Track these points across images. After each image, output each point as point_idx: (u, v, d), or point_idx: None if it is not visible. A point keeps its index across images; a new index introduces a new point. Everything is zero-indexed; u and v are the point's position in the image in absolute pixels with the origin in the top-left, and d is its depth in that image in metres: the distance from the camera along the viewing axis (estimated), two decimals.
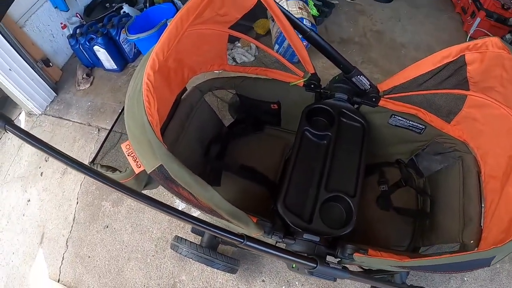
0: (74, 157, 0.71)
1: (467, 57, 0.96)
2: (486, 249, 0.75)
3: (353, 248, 0.97)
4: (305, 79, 1.26)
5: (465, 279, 1.59)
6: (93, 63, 2.53)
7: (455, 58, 0.98)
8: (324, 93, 1.28)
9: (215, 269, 1.59)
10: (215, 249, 1.42)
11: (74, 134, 2.25)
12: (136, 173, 0.93)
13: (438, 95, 1.12)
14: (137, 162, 0.92)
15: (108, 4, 2.59)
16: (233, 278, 1.63)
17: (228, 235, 0.80)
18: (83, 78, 2.48)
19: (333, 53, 1.12)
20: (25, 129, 2.07)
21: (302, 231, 1.03)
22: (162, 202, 0.73)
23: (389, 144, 1.36)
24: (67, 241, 1.84)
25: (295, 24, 1.09)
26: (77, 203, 1.95)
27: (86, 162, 1.86)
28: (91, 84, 2.48)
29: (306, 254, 0.97)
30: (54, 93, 2.44)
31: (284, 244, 1.07)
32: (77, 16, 2.56)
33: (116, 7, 2.42)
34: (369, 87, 1.19)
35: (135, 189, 0.92)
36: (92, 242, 1.81)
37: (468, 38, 2.56)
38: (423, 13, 2.73)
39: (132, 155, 0.92)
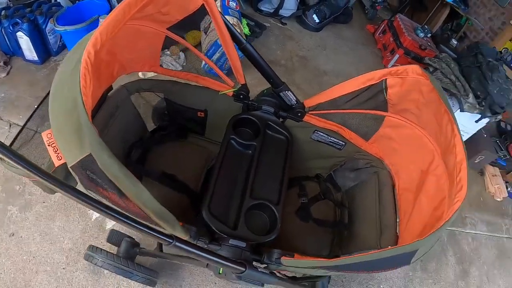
0: None
1: (388, 81, 1.08)
2: (409, 243, 0.77)
3: (279, 252, 0.99)
4: (235, 89, 1.29)
5: (381, 287, 1.72)
6: (13, 51, 2.26)
7: (378, 81, 1.09)
8: (252, 105, 1.32)
9: (132, 282, 1.49)
10: (133, 259, 1.35)
11: None
12: (56, 166, 0.84)
13: (358, 115, 1.23)
14: (58, 153, 0.83)
15: None
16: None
17: (159, 235, 0.78)
18: (0, 66, 2.20)
19: (265, 67, 1.18)
20: None
21: (227, 237, 1.02)
22: (93, 198, 0.66)
23: (310, 159, 1.45)
24: None
25: (233, 34, 1.12)
26: None
27: None
28: (7, 74, 2.21)
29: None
30: None
31: None
32: None
33: None
34: (295, 102, 1.26)
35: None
36: None
37: None
38: (348, 46, 3.04)
39: (53, 145, 0.83)
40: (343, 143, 1.34)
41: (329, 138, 1.34)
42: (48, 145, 0.83)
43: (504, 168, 2.76)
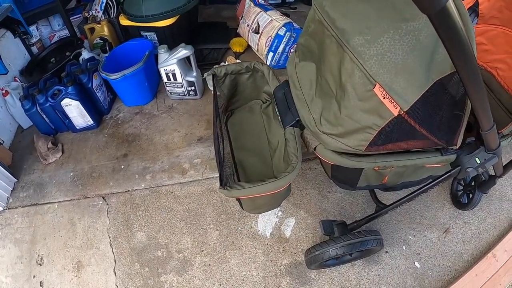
0: (89, 241, 0.47)
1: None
2: None
3: None
4: None
5: None
6: (56, 128, 2.00)
7: (472, 3, 1.26)
8: None
9: (344, 270, 1.35)
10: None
11: (68, 216, 1.67)
12: (395, 115, 0.69)
13: None
14: (393, 103, 0.68)
15: (53, 59, 2.14)
16: (358, 262, 1.45)
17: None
18: (48, 149, 1.92)
19: None
20: None
21: None
22: None
23: None
24: None
25: None
26: None
27: (108, 244, 1.53)
28: (62, 153, 1.94)
29: None
30: (13, 178, 1.81)
31: None
32: (16, 81, 2.03)
33: (73, 53, 2.00)
34: None
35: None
36: None
37: None
38: None
39: (387, 97, 0.68)
40: None
41: None
42: (384, 98, 0.68)
43: None
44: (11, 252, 1.59)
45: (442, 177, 1.10)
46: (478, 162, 1.03)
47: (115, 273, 1.46)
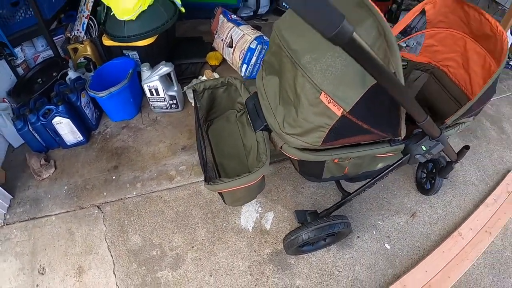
0: (88, 247, 0.65)
1: (426, 7, 1.45)
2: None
3: None
4: None
5: None
6: (47, 145, 2.11)
7: (420, 10, 1.44)
8: None
9: (321, 255, 1.58)
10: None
11: (66, 226, 1.79)
12: (339, 116, 0.89)
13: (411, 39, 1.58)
14: (337, 106, 0.87)
15: (40, 79, 2.26)
16: (333, 248, 1.64)
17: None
18: (41, 165, 2.04)
19: None
20: None
21: None
22: None
23: None
24: None
25: None
26: None
27: (106, 249, 1.67)
28: (55, 168, 2.05)
29: None
30: (9, 195, 1.92)
31: None
32: (4, 102, 2.14)
33: (60, 74, 2.13)
34: None
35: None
36: None
37: None
38: None
39: (331, 102, 0.87)
40: (406, 62, 1.67)
41: None
42: (328, 103, 0.88)
43: None
44: (12, 265, 1.68)
45: (395, 164, 1.30)
46: (424, 149, 1.24)
47: (114, 274, 1.59)
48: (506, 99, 2.84)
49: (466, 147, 1.58)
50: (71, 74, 2.16)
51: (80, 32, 2.56)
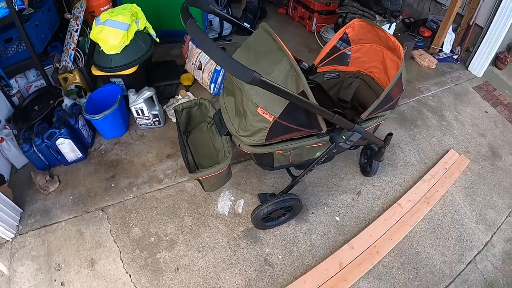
0: (97, 242, 0.98)
1: (347, 31, 1.91)
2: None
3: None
4: None
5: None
6: (50, 164, 2.47)
7: (342, 34, 1.92)
8: None
9: (283, 228, 2.03)
10: None
11: (75, 228, 2.17)
12: (272, 121, 1.38)
13: (340, 55, 2.04)
14: (269, 114, 1.36)
15: (36, 107, 2.60)
16: (292, 222, 2.10)
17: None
18: (46, 181, 2.41)
19: None
20: (6, 261, 1.95)
21: None
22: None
23: (328, 90, 2.19)
24: None
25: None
26: (130, 276, 1.93)
27: (113, 241, 2.06)
28: (60, 182, 2.43)
29: None
30: (19, 208, 2.26)
31: None
32: (6, 128, 2.48)
33: (57, 101, 2.52)
34: (308, 65, 1.99)
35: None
36: None
37: (315, 33, 3.77)
38: (277, 32, 3.84)
39: (265, 112, 1.35)
40: (338, 73, 2.14)
41: (331, 74, 2.11)
42: (263, 113, 1.37)
43: (424, 46, 3.83)
44: (30, 267, 1.90)
45: (325, 151, 1.79)
46: (344, 138, 1.73)
47: (122, 260, 1.99)
48: (448, 90, 3.44)
49: (390, 134, 2.08)
50: (67, 101, 2.55)
51: (68, 63, 2.88)
